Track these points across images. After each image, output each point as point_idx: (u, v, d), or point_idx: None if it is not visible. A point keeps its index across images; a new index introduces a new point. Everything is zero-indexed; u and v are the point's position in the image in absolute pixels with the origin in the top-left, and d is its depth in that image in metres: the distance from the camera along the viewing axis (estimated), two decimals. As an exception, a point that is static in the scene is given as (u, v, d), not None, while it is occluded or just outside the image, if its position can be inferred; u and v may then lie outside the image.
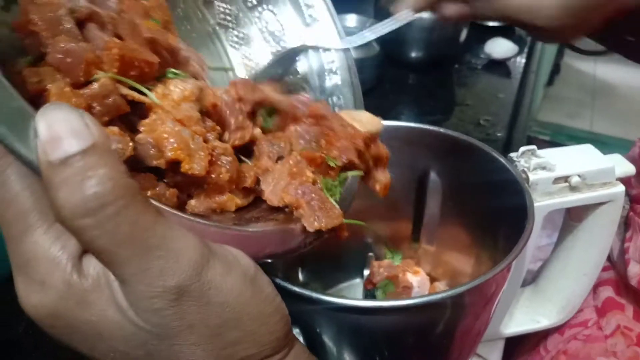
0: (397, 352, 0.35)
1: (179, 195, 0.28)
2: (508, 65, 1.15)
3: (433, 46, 1.07)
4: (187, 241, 0.22)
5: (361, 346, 0.34)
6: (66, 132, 0.20)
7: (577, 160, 0.46)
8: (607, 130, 2.40)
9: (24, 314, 0.23)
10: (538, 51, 1.22)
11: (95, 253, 0.21)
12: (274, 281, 0.26)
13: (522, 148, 0.45)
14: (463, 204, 0.46)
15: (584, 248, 0.50)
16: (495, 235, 0.43)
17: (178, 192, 0.28)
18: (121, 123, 0.27)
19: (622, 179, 0.47)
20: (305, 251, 0.30)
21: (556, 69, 2.70)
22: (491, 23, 1.25)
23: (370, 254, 0.53)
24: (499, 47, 1.13)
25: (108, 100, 0.25)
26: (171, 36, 0.31)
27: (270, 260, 0.28)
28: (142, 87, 0.27)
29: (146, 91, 0.27)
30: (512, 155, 0.46)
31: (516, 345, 0.60)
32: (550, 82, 2.65)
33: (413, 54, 1.07)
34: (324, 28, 0.40)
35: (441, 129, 0.45)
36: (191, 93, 0.28)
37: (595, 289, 0.55)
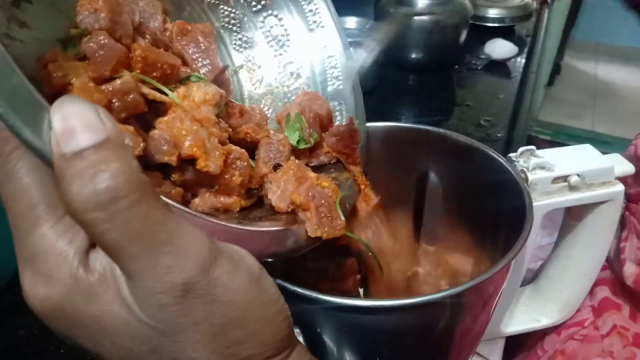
0: (398, 351, 0.35)
1: (184, 194, 0.29)
2: (508, 65, 1.15)
3: (433, 47, 1.07)
4: (196, 238, 0.22)
5: (361, 346, 0.34)
6: (80, 126, 0.20)
7: (576, 159, 0.46)
8: (609, 130, 2.40)
9: (26, 319, 0.23)
10: (538, 52, 1.22)
11: (104, 247, 0.21)
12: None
13: (521, 148, 0.45)
14: (462, 204, 0.46)
15: (584, 247, 0.50)
16: (494, 234, 0.43)
17: (183, 192, 0.29)
18: (136, 122, 0.27)
19: (621, 179, 0.47)
20: (307, 251, 0.31)
21: (557, 69, 2.70)
22: (491, 24, 1.25)
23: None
24: (499, 48, 1.14)
25: (128, 97, 0.26)
26: None
27: (271, 259, 0.28)
28: (162, 87, 0.28)
29: (166, 90, 0.28)
30: (511, 155, 0.46)
31: (517, 344, 0.60)
32: (551, 83, 2.65)
33: (413, 55, 1.08)
34: (328, 34, 0.40)
35: (440, 130, 0.45)
36: (212, 97, 0.29)
37: (592, 289, 0.55)
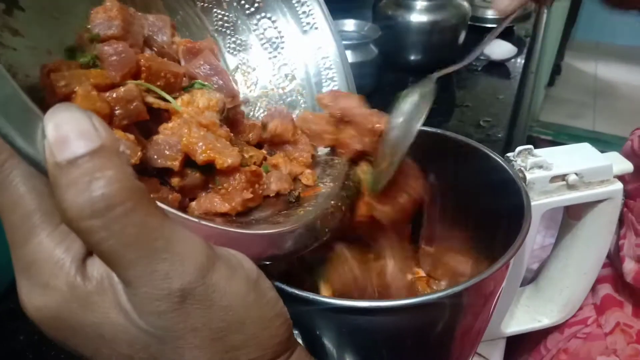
0: (397, 352, 0.35)
1: (181, 200, 0.29)
2: (507, 66, 1.15)
3: (432, 49, 1.07)
4: (193, 244, 0.22)
5: (360, 347, 0.34)
6: (74, 133, 0.20)
7: (574, 158, 0.46)
8: (610, 129, 2.40)
9: (25, 325, 0.23)
10: (537, 52, 1.22)
11: (100, 255, 0.21)
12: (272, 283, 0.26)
13: (519, 147, 0.45)
14: (461, 204, 0.46)
15: (583, 246, 0.50)
16: (493, 234, 0.43)
17: (180, 197, 0.29)
18: (137, 129, 0.28)
19: (619, 176, 0.47)
20: (304, 253, 0.31)
21: (557, 70, 2.70)
22: (489, 25, 1.25)
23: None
24: (498, 49, 1.14)
25: (131, 105, 0.27)
26: None
27: (269, 262, 0.28)
28: (164, 94, 0.29)
29: (170, 98, 0.29)
30: (509, 154, 0.46)
31: (517, 344, 0.60)
32: (551, 83, 2.65)
33: (412, 57, 1.08)
34: (322, 35, 0.41)
35: (437, 130, 0.45)
36: (216, 103, 0.30)
37: (593, 287, 0.55)
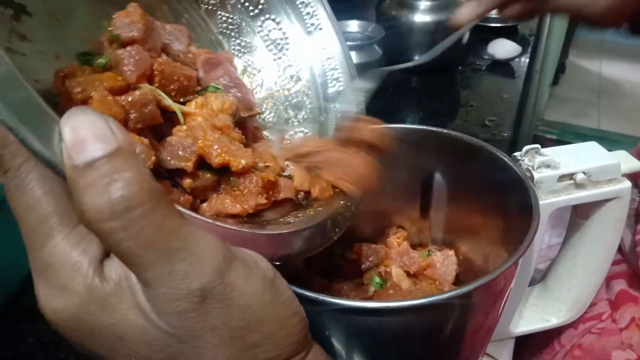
0: (406, 352, 0.35)
1: (192, 201, 0.30)
2: (512, 65, 1.15)
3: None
4: (210, 244, 0.22)
5: (369, 347, 0.34)
6: (91, 136, 0.20)
7: (582, 157, 0.46)
8: (615, 128, 2.39)
9: (35, 327, 0.23)
10: (541, 51, 1.22)
11: (120, 256, 0.21)
12: None
13: (526, 147, 0.45)
14: (468, 204, 0.46)
15: (591, 245, 0.50)
16: (501, 234, 0.43)
17: (192, 199, 0.29)
18: (150, 133, 0.28)
19: (630, 174, 0.47)
20: (315, 253, 0.31)
21: (561, 68, 2.69)
22: (493, 24, 1.25)
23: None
24: (502, 48, 1.14)
25: (146, 109, 0.27)
26: None
27: (280, 262, 0.28)
28: (171, 102, 0.29)
29: (175, 106, 0.30)
30: (516, 154, 0.46)
31: (526, 344, 0.60)
32: (555, 82, 2.64)
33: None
34: (326, 36, 0.41)
35: (444, 130, 0.45)
36: (230, 106, 0.31)
37: (608, 282, 0.55)
